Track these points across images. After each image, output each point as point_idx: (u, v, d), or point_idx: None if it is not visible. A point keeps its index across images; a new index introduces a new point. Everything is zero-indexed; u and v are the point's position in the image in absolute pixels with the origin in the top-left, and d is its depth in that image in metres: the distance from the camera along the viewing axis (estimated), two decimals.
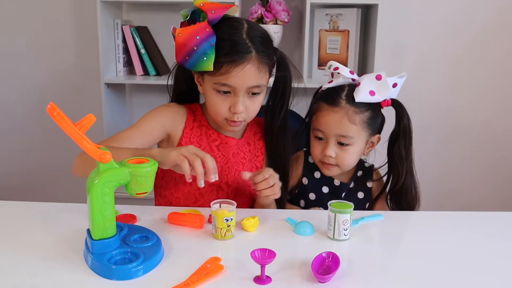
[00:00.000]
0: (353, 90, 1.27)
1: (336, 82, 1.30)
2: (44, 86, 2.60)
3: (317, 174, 1.38)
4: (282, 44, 2.34)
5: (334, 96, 1.28)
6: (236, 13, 1.21)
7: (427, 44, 2.47)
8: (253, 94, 1.21)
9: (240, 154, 1.34)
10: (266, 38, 1.22)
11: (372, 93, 1.26)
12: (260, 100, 1.25)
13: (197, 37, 1.13)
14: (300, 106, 1.40)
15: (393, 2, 2.39)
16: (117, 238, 0.95)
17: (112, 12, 2.34)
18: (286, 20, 2.25)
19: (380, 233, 1.16)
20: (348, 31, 2.33)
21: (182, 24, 1.21)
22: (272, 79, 1.30)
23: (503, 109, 2.53)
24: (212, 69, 1.15)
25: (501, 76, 2.49)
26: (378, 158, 1.41)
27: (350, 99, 1.26)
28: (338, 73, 1.29)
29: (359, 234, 1.11)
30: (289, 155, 1.36)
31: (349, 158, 1.30)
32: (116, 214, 1.14)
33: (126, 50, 2.40)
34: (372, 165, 1.42)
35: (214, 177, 1.05)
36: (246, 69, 1.16)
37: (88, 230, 0.94)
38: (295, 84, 1.30)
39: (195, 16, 1.19)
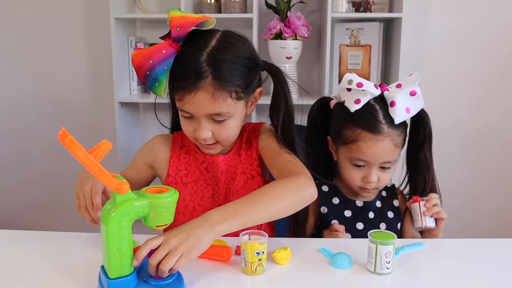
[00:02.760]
0: (385, 108, 1.18)
1: (364, 101, 1.18)
2: (58, 105, 2.54)
3: (335, 200, 1.30)
4: (302, 60, 2.26)
5: (373, 122, 1.17)
6: (212, 25, 1.07)
7: (451, 59, 2.39)
8: (219, 121, 1.09)
9: (230, 170, 1.23)
10: (237, 59, 1.07)
11: (408, 110, 1.18)
12: (230, 125, 1.11)
13: (150, 61, 1.02)
14: None
15: (416, 15, 2.31)
16: (134, 276, 0.86)
17: (125, 29, 2.29)
18: (306, 35, 2.17)
19: (423, 264, 1.05)
20: (370, 46, 2.24)
21: (162, 38, 1.09)
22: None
23: None
24: (164, 96, 1.06)
25: None
26: None
27: (389, 121, 1.17)
28: (363, 90, 1.18)
29: (401, 267, 1.01)
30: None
31: (389, 178, 1.25)
32: (135, 246, 1.05)
33: None
34: (393, 185, 1.36)
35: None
36: (198, 96, 1.04)
37: (103, 267, 0.85)
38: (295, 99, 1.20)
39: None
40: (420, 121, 1.24)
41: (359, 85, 1.17)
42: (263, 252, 0.94)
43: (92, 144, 0.82)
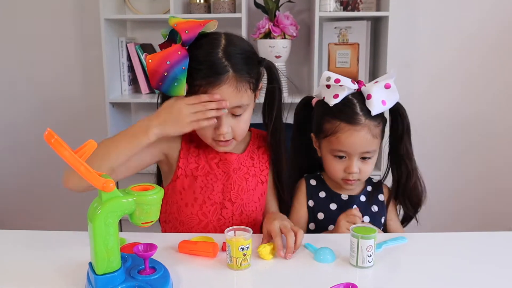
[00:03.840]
0: (362, 101, 1.22)
1: (342, 95, 1.23)
2: (49, 106, 2.55)
3: (322, 194, 1.33)
4: (291, 59, 2.29)
5: (351, 114, 1.22)
6: (214, 28, 1.15)
7: (438, 56, 2.42)
8: (237, 115, 1.17)
9: (243, 169, 1.28)
10: (247, 53, 1.17)
11: (384, 102, 1.22)
12: (247, 118, 1.20)
13: (167, 62, 1.08)
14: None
15: (404, 13, 2.34)
16: (122, 272, 0.88)
17: (116, 30, 2.30)
18: (294, 34, 2.20)
19: (405, 258, 1.07)
20: (358, 44, 2.27)
21: (161, 45, 1.16)
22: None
23: None
24: (184, 94, 1.10)
25: None
26: None
27: (366, 113, 1.22)
28: (341, 85, 1.22)
29: (383, 260, 1.03)
30: (285, 171, 1.33)
31: (370, 169, 1.28)
32: (124, 243, 1.08)
33: (131, 68, 2.35)
34: (380, 180, 1.39)
35: None
36: (222, 90, 1.11)
37: (90, 264, 0.87)
38: (285, 97, 1.27)
39: (173, 35, 1.15)
40: (398, 115, 1.28)
41: (337, 81, 1.22)
42: (247, 247, 0.96)
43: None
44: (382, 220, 1.33)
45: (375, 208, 1.33)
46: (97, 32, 2.19)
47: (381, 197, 1.35)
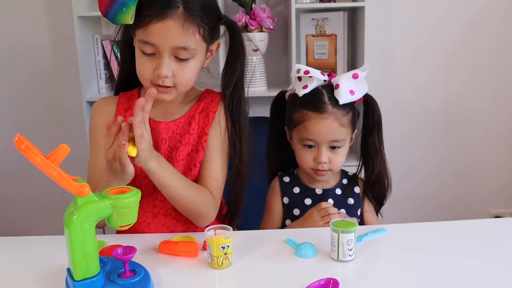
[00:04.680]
0: (331, 92, 1.24)
1: (311, 86, 1.25)
2: (24, 106, 2.50)
3: (296, 190, 1.33)
4: (269, 52, 2.28)
5: (318, 103, 1.23)
6: None
7: (415, 45, 2.44)
8: (182, 59, 1.09)
9: (175, 137, 1.21)
10: (206, 1, 1.10)
11: (352, 92, 1.24)
12: (192, 66, 1.12)
13: None
14: None
15: (380, 4, 2.35)
16: (101, 276, 0.86)
17: (90, 27, 2.26)
18: (271, 27, 2.18)
19: (386, 250, 1.08)
20: (336, 35, 2.26)
21: None
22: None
23: (491, 106, 2.51)
24: (131, 22, 1.04)
25: (488, 73, 2.47)
26: None
27: (334, 102, 1.23)
28: (310, 76, 1.24)
29: (364, 253, 1.04)
30: (246, 138, 1.25)
31: (341, 160, 1.28)
32: (103, 246, 1.07)
33: (107, 66, 2.31)
34: (355, 173, 1.40)
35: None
36: (168, 25, 1.04)
37: (68, 270, 0.86)
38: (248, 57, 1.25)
39: None
40: (369, 108, 1.30)
41: (306, 72, 1.24)
42: (228, 246, 0.96)
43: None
44: (358, 212, 1.34)
45: (350, 201, 1.33)
46: (71, 30, 2.14)
47: (357, 190, 1.36)
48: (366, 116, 1.32)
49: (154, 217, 1.23)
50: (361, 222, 1.34)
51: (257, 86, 2.23)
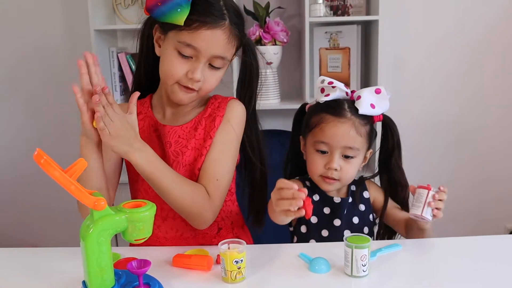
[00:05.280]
0: (352, 103, 1.25)
1: (333, 95, 1.25)
2: (41, 116, 2.54)
3: (316, 197, 1.31)
4: (282, 65, 2.29)
5: (338, 108, 1.24)
6: None
7: (428, 58, 2.43)
8: (215, 67, 1.14)
9: (181, 142, 1.22)
10: (241, 15, 1.18)
11: (372, 106, 1.24)
12: (220, 75, 1.18)
13: None
14: None
15: (394, 18, 2.34)
16: None
17: (106, 40, 2.30)
18: (285, 40, 2.20)
19: (400, 266, 1.08)
20: (349, 48, 2.27)
21: None
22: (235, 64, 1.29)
23: (503, 118, 2.48)
24: (182, 23, 1.07)
25: (500, 86, 2.45)
26: None
27: (354, 111, 1.23)
28: (333, 86, 1.25)
29: (378, 268, 1.03)
30: (264, 149, 1.31)
31: (352, 171, 1.26)
32: (118, 259, 1.08)
33: (122, 78, 2.34)
34: (361, 176, 1.38)
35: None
36: (216, 34, 1.10)
37: (84, 282, 0.87)
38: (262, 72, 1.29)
39: None
40: (388, 129, 1.31)
41: (330, 83, 1.26)
42: (241, 260, 0.96)
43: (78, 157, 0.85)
44: (371, 217, 1.32)
45: (362, 207, 1.32)
46: (88, 43, 2.18)
47: (366, 194, 1.34)
48: (385, 137, 1.32)
49: (163, 220, 1.24)
50: (381, 223, 1.34)
51: (270, 99, 2.23)
